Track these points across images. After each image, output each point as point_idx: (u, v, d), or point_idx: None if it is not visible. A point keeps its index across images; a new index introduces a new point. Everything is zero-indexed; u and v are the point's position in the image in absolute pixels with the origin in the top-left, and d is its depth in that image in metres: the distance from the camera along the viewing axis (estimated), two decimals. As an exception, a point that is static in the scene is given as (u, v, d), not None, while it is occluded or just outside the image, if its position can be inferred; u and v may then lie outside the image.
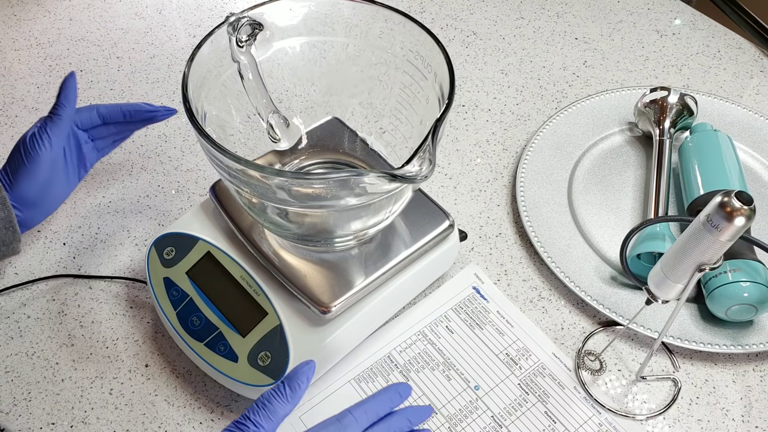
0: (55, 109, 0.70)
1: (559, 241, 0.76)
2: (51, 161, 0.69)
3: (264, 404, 0.51)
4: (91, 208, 0.81)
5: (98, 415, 0.66)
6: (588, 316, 0.72)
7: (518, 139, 0.88)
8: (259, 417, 0.50)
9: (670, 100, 0.83)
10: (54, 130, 0.69)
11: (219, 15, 1.05)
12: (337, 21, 0.66)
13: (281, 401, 0.50)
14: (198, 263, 0.68)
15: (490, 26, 1.03)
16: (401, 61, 0.65)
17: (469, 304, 0.73)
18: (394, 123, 0.69)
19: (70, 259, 0.77)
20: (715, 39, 1.01)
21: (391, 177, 0.50)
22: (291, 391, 0.51)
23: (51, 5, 1.06)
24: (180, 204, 0.81)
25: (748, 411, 0.66)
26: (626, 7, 1.06)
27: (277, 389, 0.51)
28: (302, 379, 0.51)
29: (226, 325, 0.64)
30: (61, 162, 0.71)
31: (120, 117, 0.74)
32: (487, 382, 0.67)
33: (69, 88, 0.71)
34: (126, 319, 0.72)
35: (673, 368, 0.68)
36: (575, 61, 0.98)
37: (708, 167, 0.76)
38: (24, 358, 0.69)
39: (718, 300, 0.67)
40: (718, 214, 0.51)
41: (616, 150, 0.86)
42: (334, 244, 0.65)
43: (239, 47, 0.63)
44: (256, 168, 0.53)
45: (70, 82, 0.71)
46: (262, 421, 0.50)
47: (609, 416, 0.65)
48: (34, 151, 0.68)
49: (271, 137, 0.68)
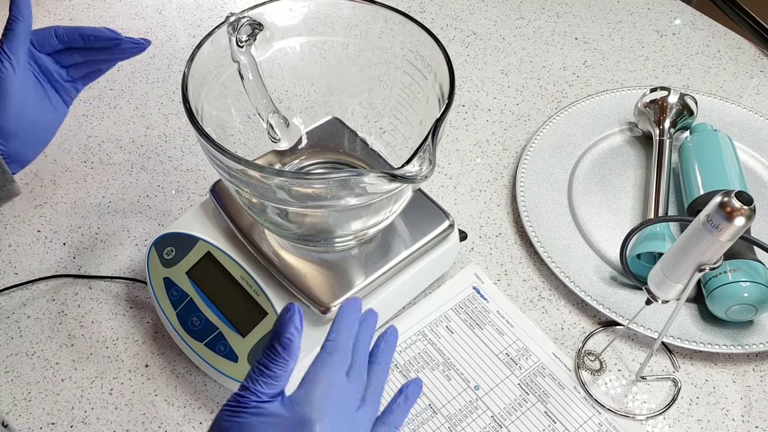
0: (9, 24, 0.62)
1: (559, 241, 0.76)
2: (20, 83, 0.62)
3: (261, 370, 0.45)
4: (91, 208, 0.81)
5: (98, 415, 0.66)
6: (588, 316, 0.72)
7: (518, 139, 0.88)
8: (259, 385, 0.45)
9: (670, 100, 0.83)
10: (11, 47, 0.62)
11: (219, 15, 1.05)
12: (337, 21, 0.66)
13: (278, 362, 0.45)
14: (198, 263, 0.68)
15: (490, 26, 1.03)
16: (401, 61, 0.65)
17: (469, 304, 0.73)
18: (394, 123, 0.69)
19: (70, 259, 0.77)
20: (715, 39, 1.01)
21: (391, 177, 0.50)
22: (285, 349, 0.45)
23: (51, 5, 1.06)
24: (180, 204, 0.81)
25: (748, 411, 0.66)
26: (626, 7, 1.06)
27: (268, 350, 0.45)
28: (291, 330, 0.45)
29: (226, 325, 0.64)
30: (32, 84, 0.64)
31: (79, 41, 0.66)
32: (487, 382, 0.67)
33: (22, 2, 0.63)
34: (126, 319, 0.72)
35: (673, 368, 0.68)
36: (575, 61, 0.98)
37: (708, 167, 0.76)
38: (24, 358, 0.69)
39: (718, 300, 0.67)
40: (718, 214, 0.51)
41: (616, 150, 0.86)
42: (334, 244, 0.65)
43: (239, 47, 0.63)
44: (256, 168, 0.53)
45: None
46: (263, 388, 0.45)
47: (609, 416, 0.65)
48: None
49: (271, 137, 0.68)
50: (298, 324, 0.45)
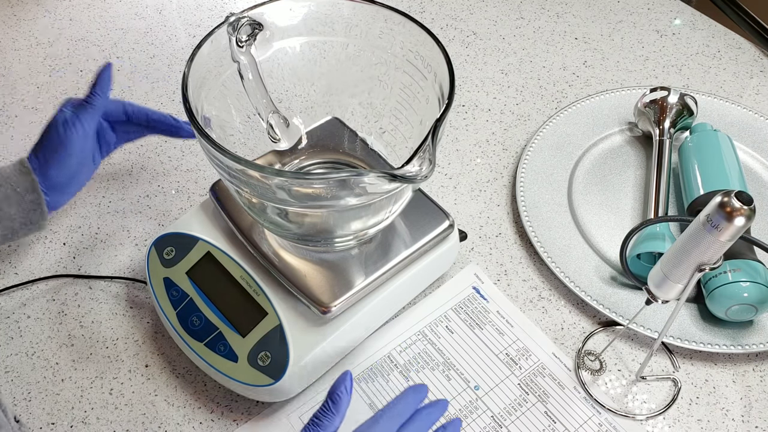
0: (90, 98, 0.71)
1: (559, 241, 0.76)
2: (81, 148, 0.70)
3: (314, 422, 0.53)
4: (91, 208, 0.81)
5: (98, 415, 0.66)
6: (588, 316, 0.72)
7: (518, 139, 0.88)
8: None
9: (670, 100, 0.83)
10: (86, 118, 0.70)
11: (219, 15, 1.05)
12: (337, 21, 0.66)
13: (328, 415, 0.53)
14: (198, 263, 0.68)
15: (490, 26, 1.03)
16: (401, 61, 0.65)
17: (469, 304, 0.73)
18: (394, 123, 0.69)
19: (70, 259, 0.77)
20: (715, 39, 1.01)
21: (391, 177, 0.50)
22: (334, 404, 0.53)
23: (51, 5, 1.06)
24: (180, 204, 0.81)
25: (748, 411, 0.66)
26: (626, 7, 1.06)
27: (322, 406, 0.54)
28: (342, 390, 0.53)
29: (226, 325, 0.64)
30: (89, 150, 0.71)
31: (143, 120, 0.75)
32: (487, 382, 0.67)
33: (104, 78, 0.72)
34: (126, 319, 0.72)
35: (673, 368, 0.68)
36: (575, 61, 0.98)
37: (708, 167, 0.76)
38: (24, 358, 0.69)
39: (718, 300, 0.67)
40: (718, 214, 0.51)
41: (616, 150, 0.86)
42: (334, 244, 0.65)
43: (239, 47, 0.63)
44: (256, 168, 0.53)
45: (105, 73, 0.73)
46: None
47: (609, 416, 0.65)
48: (68, 138, 0.69)
49: (271, 137, 0.68)
50: (348, 386, 0.54)
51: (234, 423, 0.65)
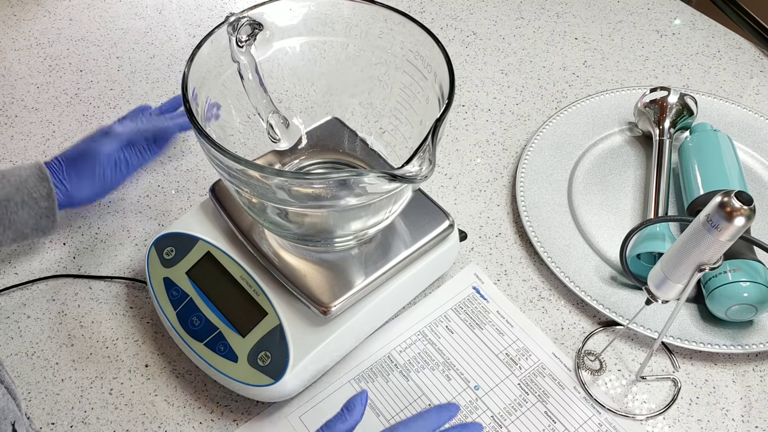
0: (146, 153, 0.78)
1: (559, 241, 0.76)
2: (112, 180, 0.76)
3: (328, 425, 0.56)
4: (91, 208, 0.81)
5: (98, 415, 0.66)
6: (588, 316, 0.72)
7: (518, 139, 0.88)
8: None
9: (670, 100, 0.83)
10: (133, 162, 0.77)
11: (219, 15, 1.05)
12: (337, 21, 0.66)
13: (341, 420, 0.55)
14: (198, 263, 0.68)
15: (490, 26, 1.03)
16: (401, 61, 0.65)
17: (469, 304, 0.73)
18: (394, 123, 0.69)
19: (70, 259, 0.77)
20: (715, 39, 1.01)
21: (391, 177, 0.50)
22: (348, 412, 0.56)
23: (51, 5, 1.06)
24: (180, 204, 0.81)
25: (748, 411, 0.66)
26: (626, 7, 1.06)
27: (338, 413, 0.56)
28: (356, 402, 0.56)
29: (226, 325, 0.64)
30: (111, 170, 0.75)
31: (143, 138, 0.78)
32: (487, 382, 0.67)
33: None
34: (126, 319, 0.72)
35: (673, 368, 0.68)
36: (575, 61, 0.98)
37: (708, 167, 0.76)
38: (24, 358, 0.69)
39: (718, 300, 0.67)
40: (718, 214, 0.51)
41: (616, 150, 0.86)
42: (334, 244, 0.65)
43: (239, 47, 0.63)
44: (256, 168, 0.53)
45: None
46: None
47: (609, 416, 0.65)
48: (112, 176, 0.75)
49: (271, 137, 0.68)
50: (364, 400, 0.56)
51: (234, 423, 0.65)
